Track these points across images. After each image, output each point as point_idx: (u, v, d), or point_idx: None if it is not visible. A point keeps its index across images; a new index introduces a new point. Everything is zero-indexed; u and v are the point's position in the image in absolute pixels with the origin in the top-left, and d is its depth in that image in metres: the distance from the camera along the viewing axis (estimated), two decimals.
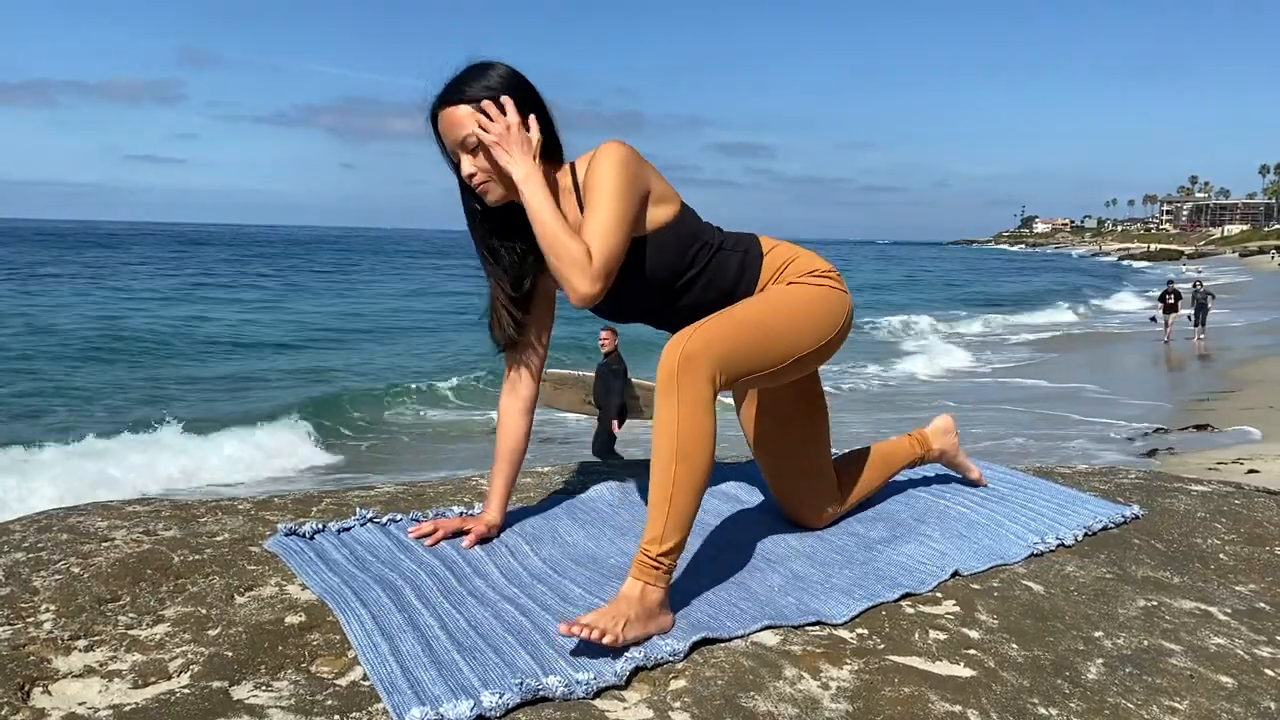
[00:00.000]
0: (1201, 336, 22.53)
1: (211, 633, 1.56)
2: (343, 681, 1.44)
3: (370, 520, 2.08)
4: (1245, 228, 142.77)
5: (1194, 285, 24.79)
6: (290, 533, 1.98)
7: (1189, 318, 23.13)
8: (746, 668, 1.50)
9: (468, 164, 1.83)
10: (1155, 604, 1.87)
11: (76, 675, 1.43)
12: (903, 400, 16.06)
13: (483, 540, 1.98)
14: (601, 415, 9.58)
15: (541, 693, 1.38)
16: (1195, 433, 12.02)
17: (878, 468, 2.27)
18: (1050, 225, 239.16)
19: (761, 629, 1.63)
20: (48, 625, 1.56)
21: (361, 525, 2.06)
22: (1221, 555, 2.19)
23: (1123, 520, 2.32)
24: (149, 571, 1.77)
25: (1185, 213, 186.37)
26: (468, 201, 1.94)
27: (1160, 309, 24.32)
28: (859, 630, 1.67)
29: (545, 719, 1.34)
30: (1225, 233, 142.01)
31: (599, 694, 1.41)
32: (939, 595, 1.83)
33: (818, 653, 1.57)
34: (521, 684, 1.37)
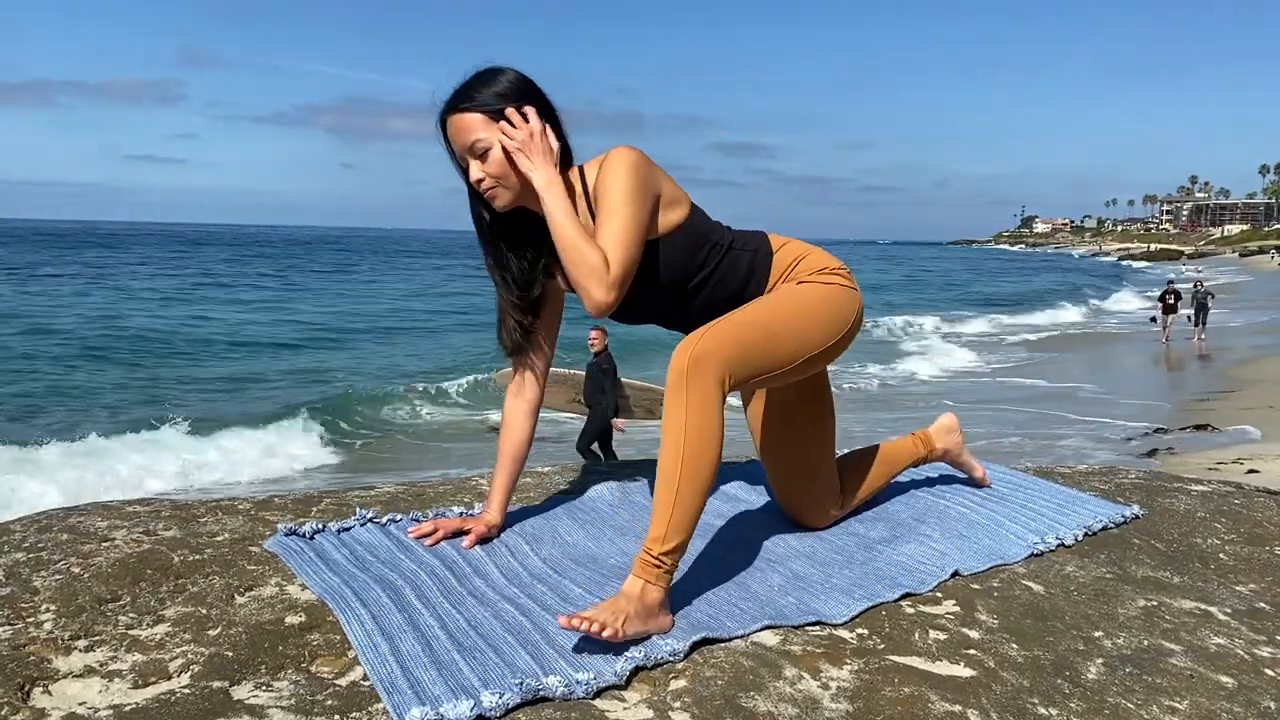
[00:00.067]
0: (1201, 337, 22.52)
1: (212, 633, 1.56)
2: (343, 681, 1.44)
3: (370, 520, 2.08)
4: (1245, 228, 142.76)
5: (1195, 285, 24.78)
6: (290, 533, 1.98)
7: (1188, 318, 23.12)
8: (746, 668, 1.50)
9: (476, 169, 1.83)
10: (1155, 604, 1.87)
11: (77, 675, 1.43)
12: (902, 400, 16.05)
13: (483, 540, 1.98)
14: (590, 413, 9.60)
15: (542, 693, 1.38)
16: (1195, 433, 12.02)
17: (881, 468, 2.26)
18: (1050, 225, 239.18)
19: (761, 629, 1.63)
20: (48, 625, 1.56)
21: (361, 525, 2.06)
22: (1221, 555, 2.19)
23: (1123, 520, 2.32)
24: (149, 571, 1.77)
25: (1185, 213, 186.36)
26: (476, 207, 1.94)
27: (1160, 309, 24.31)
28: (859, 630, 1.67)
29: (545, 719, 1.34)
30: (1225, 233, 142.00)
31: (599, 694, 1.41)
32: (939, 595, 1.83)
33: (818, 653, 1.57)
34: (521, 684, 1.37)
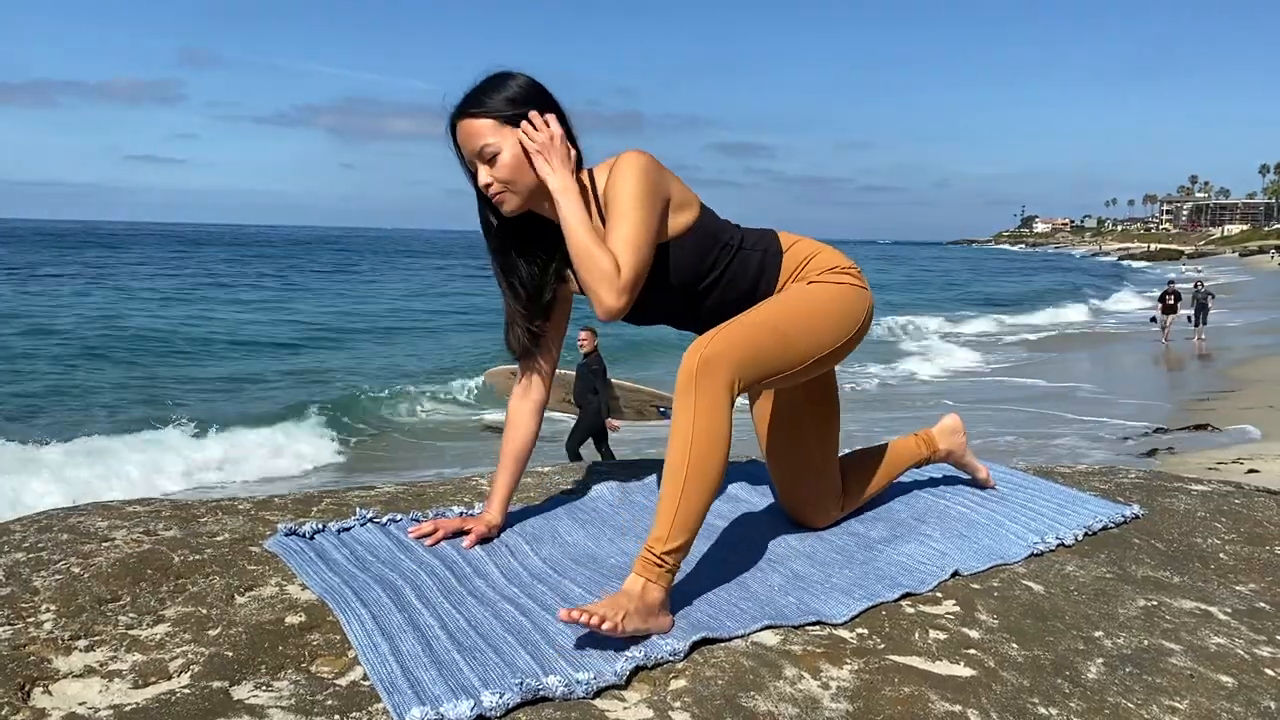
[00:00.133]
0: (1201, 337, 22.52)
1: (212, 633, 1.56)
2: (343, 681, 1.44)
3: (370, 520, 2.08)
4: (1245, 227, 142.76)
5: (1195, 285, 24.79)
6: (290, 533, 1.98)
7: (1188, 318, 23.13)
8: (746, 668, 1.50)
9: (484, 174, 1.83)
10: (1155, 604, 1.87)
11: (77, 675, 1.43)
12: (902, 400, 16.05)
13: (483, 540, 1.98)
14: (580, 413, 9.63)
15: (542, 692, 1.38)
16: (1195, 432, 12.02)
17: (883, 468, 2.26)
18: (1050, 225, 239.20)
19: (761, 629, 1.63)
20: (48, 625, 1.56)
21: (361, 525, 2.06)
22: (1221, 555, 2.19)
23: (1123, 520, 2.32)
24: (149, 571, 1.77)
25: (1185, 212, 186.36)
26: (484, 212, 1.94)
27: (1160, 309, 24.31)
28: (859, 630, 1.67)
29: (545, 719, 1.34)
30: (1225, 232, 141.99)
31: (599, 694, 1.41)
32: (939, 595, 1.83)
33: (818, 652, 1.57)
34: (522, 684, 1.37)
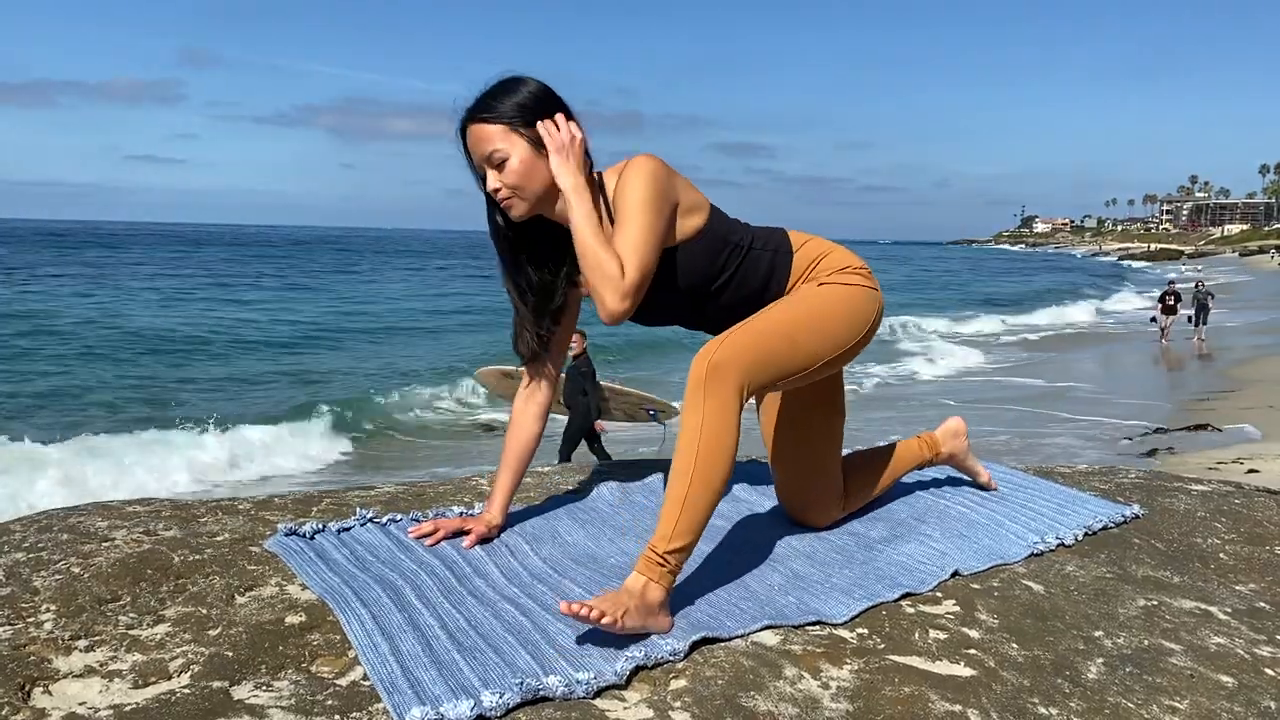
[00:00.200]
0: (1201, 337, 22.52)
1: (212, 633, 1.56)
2: (343, 681, 1.44)
3: (370, 520, 2.08)
4: (1245, 227, 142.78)
5: (1195, 285, 24.79)
6: (290, 533, 1.98)
7: (1188, 318, 23.12)
8: (746, 667, 1.50)
9: (493, 179, 1.83)
10: (1155, 603, 1.87)
11: (77, 675, 1.43)
12: (902, 400, 16.05)
13: (483, 540, 1.98)
14: (570, 414, 9.66)
15: (542, 692, 1.38)
16: (1194, 432, 12.02)
17: (885, 470, 2.26)
18: (1050, 225, 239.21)
19: (761, 629, 1.63)
20: (48, 625, 1.56)
21: (361, 525, 2.06)
22: (1221, 555, 2.19)
23: (1123, 520, 2.32)
24: (149, 571, 1.77)
25: (1185, 212, 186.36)
26: (493, 217, 1.94)
27: (1159, 309, 24.31)
28: (859, 630, 1.67)
29: (545, 719, 1.34)
30: (1225, 232, 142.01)
31: (599, 694, 1.41)
32: (939, 595, 1.83)
33: (818, 652, 1.57)
34: (522, 684, 1.37)
